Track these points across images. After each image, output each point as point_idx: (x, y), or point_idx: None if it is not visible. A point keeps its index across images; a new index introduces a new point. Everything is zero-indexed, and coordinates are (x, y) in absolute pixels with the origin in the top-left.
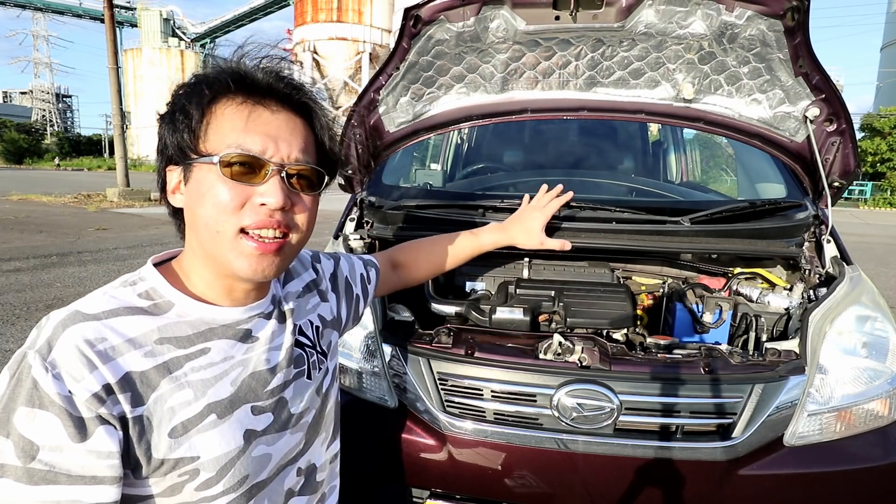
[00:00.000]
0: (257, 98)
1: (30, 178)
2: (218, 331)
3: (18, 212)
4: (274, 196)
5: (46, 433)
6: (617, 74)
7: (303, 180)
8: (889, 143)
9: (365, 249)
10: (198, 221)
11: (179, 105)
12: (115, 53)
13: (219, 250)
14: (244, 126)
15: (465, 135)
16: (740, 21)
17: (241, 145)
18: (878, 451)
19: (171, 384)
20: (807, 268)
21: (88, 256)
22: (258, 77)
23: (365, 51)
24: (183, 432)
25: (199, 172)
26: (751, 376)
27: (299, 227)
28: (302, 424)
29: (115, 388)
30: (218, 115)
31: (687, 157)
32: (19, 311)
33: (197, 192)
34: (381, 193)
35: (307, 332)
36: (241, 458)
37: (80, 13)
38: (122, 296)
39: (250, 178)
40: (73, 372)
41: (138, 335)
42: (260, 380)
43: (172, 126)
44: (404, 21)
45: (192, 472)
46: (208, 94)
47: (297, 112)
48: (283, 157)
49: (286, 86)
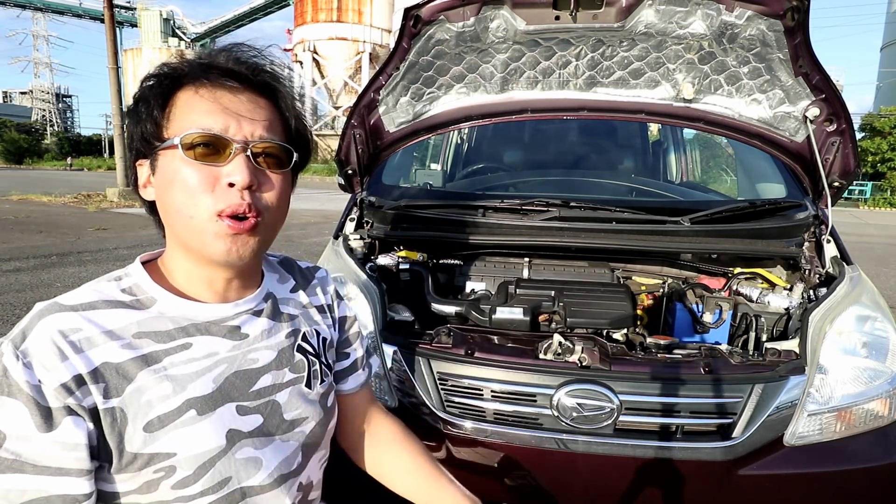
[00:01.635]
0: (219, 80)
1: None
2: (201, 326)
3: (18, 212)
4: (240, 174)
5: (13, 421)
6: (617, 74)
7: (270, 158)
8: (889, 142)
9: (365, 249)
10: (169, 209)
11: (143, 95)
12: (115, 53)
13: (194, 235)
14: (205, 107)
15: (465, 135)
16: (740, 21)
17: (203, 125)
18: (878, 451)
19: (149, 377)
20: (807, 268)
21: (88, 256)
22: (219, 61)
23: (365, 51)
24: (159, 427)
25: (165, 160)
26: (751, 376)
27: (269, 207)
28: (296, 434)
29: (87, 379)
30: (180, 102)
31: (687, 157)
32: (19, 311)
33: (165, 179)
34: (381, 193)
35: (311, 340)
36: (222, 458)
37: (80, 13)
38: (105, 289)
39: (215, 158)
40: (44, 361)
41: (116, 328)
42: (245, 379)
43: (136, 118)
44: (404, 21)
45: (168, 469)
46: (170, 81)
47: (261, 93)
48: (246, 135)
49: (247, 67)
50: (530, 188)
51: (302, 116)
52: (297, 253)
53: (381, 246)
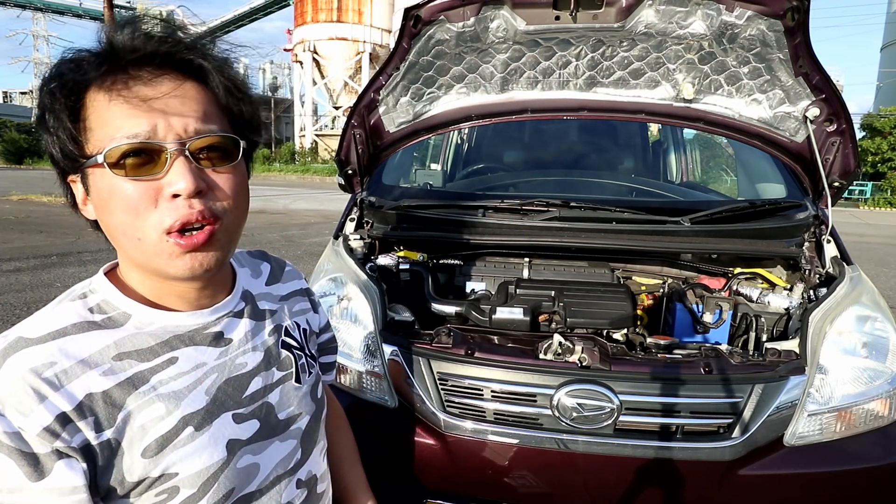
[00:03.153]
0: (129, 72)
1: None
2: (184, 337)
3: (18, 212)
4: (183, 180)
5: (1, 475)
6: (617, 74)
7: (213, 153)
8: (889, 142)
9: (365, 249)
10: (115, 232)
11: (47, 105)
12: None
13: (147, 258)
14: (122, 109)
15: (465, 135)
16: (740, 21)
17: (126, 133)
18: (878, 451)
19: (138, 401)
20: (807, 268)
21: (88, 256)
22: (121, 42)
23: (365, 51)
24: (158, 450)
25: (94, 178)
26: (751, 376)
27: (226, 208)
28: (293, 431)
29: (73, 416)
30: (92, 105)
31: (687, 157)
32: (19, 311)
33: (100, 200)
34: (381, 193)
35: (294, 333)
36: (224, 470)
37: (80, 13)
38: (70, 312)
39: (150, 168)
40: (19, 406)
41: (92, 353)
42: (237, 385)
43: (48, 132)
44: (404, 21)
45: (171, 490)
46: (73, 85)
47: (185, 74)
48: (179, 133)
49: (159, 43)
50: (530, 188)
51: (242, 91)
52: (297, 253)
53: (381, 246)
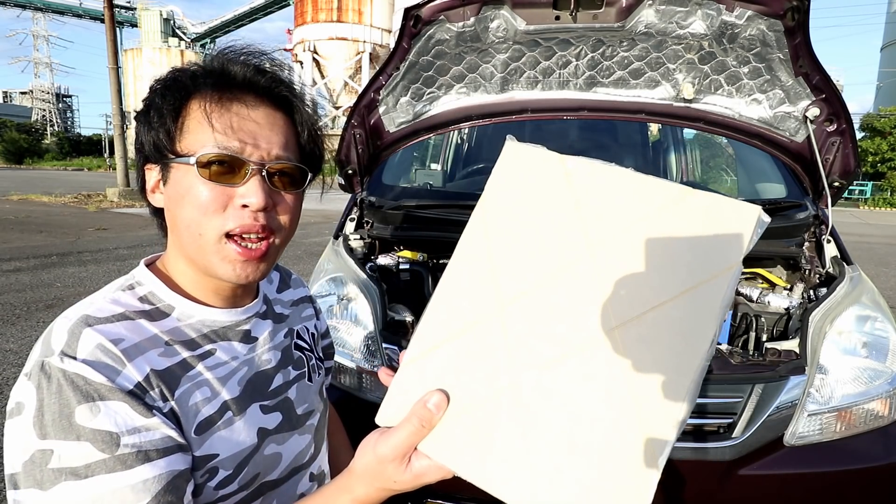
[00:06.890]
0: (234, 93)
1: (30, 178)
2: (220, 332)
3: (18, 212)
4: (255, 196)
5: (119, 419)
6: (617, 74)
7: (285, 178)
8: (889, 142)
9: (365, 249)
10: (179, 224)
11: (154, 103)
12: (116, 53)
13: (201, 254)
14: (221, 123)
15: (465, 135)
16: (740, 21)
17: (219, 144)
18: (878, 451)
19: (189, 382)
20: (807, 268)
21: (88, 256)
22: (235, 71)
23: (365, 51)
24: (207, 429)
25: (177, 173)
26: (751, 376)
27: (283, 227)
28: (308, 427)
29: (145, 385)
30: (194, 113)
31: (687, 157)
32: (19, 311)
33: (176, 193)
34: (381, 193)
35: (304, 336)
36: (254, 455)
37: (80, 13)
38: (124, 300)
39: (230, 178)
40: (111, 367)
41: (150, 336)
42: (263, 379)
43: (147, 125)
44: (404, 21)
45: (212, 471)
46: (183, 90)
47: (278, 106)
48: (262, 156)
49: (266, 79)
50: None
51: (318, 131)
52: (297, 253)
53: (381, 246)
